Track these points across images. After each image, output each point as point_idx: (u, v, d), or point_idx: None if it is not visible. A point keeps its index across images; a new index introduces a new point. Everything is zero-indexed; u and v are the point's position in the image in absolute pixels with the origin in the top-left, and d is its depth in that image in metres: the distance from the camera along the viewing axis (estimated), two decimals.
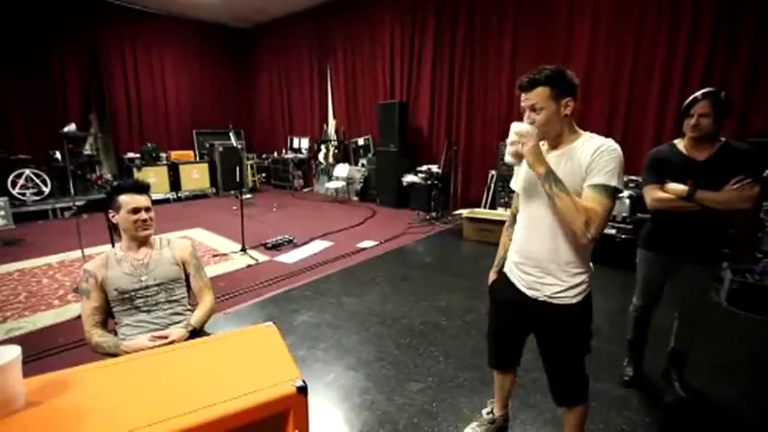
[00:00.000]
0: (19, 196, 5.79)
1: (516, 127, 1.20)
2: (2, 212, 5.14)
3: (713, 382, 2.13)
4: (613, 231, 3.87)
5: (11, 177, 5.76)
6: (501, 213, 4.96)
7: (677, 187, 1.78)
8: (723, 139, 1.77)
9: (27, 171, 5.92)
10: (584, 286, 1.30)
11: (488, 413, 1.74)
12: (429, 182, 5.97)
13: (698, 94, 1.75)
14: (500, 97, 5.56)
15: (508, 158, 1.25)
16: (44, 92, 6.71)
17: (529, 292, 1.34)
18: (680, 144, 1.87)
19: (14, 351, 0.81)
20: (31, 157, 6.12)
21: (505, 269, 1.48)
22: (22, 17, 6.32)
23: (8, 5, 6.17)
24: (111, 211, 1.58)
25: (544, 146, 1.30)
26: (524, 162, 1.24)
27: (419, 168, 6.25)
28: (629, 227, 3.80)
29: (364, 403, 1.98)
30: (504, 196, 5.31)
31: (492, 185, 5.73)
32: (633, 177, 4.12)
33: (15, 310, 2.98)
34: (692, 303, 1.98)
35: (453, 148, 6.01)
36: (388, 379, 2.17)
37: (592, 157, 1.16)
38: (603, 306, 3.00)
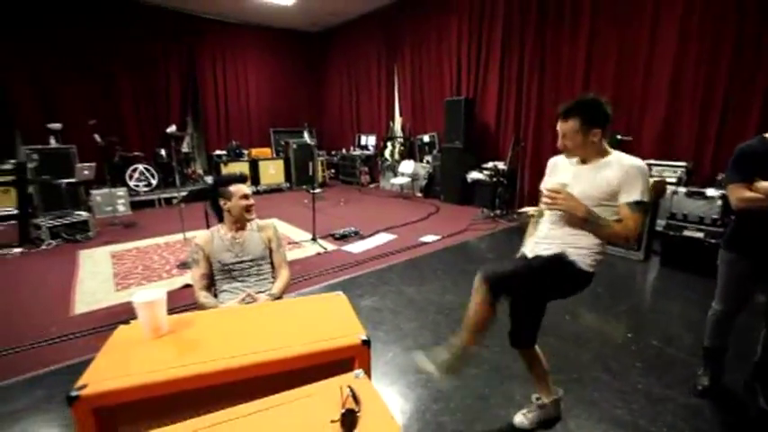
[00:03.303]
0: (134, 188, 6.88)
1: (548, 185, 1.48)
2: (123, 200, 6.16)
3: None
4: (701, 235, 3.53)
5: (128, 171, 6.87)
6: None
7: None
8: None
9: (140, 166, 7.00)
10: (589, 259, 1.46)
11: (537, 398, 1.78)
12: (494, 179, 5.88)
13: None
14: (573, 97, 5.26)
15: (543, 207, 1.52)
16: (152, 97, 7.86)
17: (530, 255, 1.57)
18: None
19: (162, 292, 1.10)
20: (143, 154, 7.22)
21: (525, 251, 1.68)
22: (137, 32, 7.44)
23: (127, 24, 7.32)
24: (222, 199, 1.89)
25: (575, 160, 1.55)
26: (557, 169, 1.61)
27: (484, 165, 6.19)
28: (720, 230, 3.44)
29: (419, 381, 2.13)
30: None
31: None
32: None
33: (135, 279, 3.62)
34: None
35: (521, 144, 5.85)
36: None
37: (625, 177, 1.37)
38: (683, 313, 2.79)
